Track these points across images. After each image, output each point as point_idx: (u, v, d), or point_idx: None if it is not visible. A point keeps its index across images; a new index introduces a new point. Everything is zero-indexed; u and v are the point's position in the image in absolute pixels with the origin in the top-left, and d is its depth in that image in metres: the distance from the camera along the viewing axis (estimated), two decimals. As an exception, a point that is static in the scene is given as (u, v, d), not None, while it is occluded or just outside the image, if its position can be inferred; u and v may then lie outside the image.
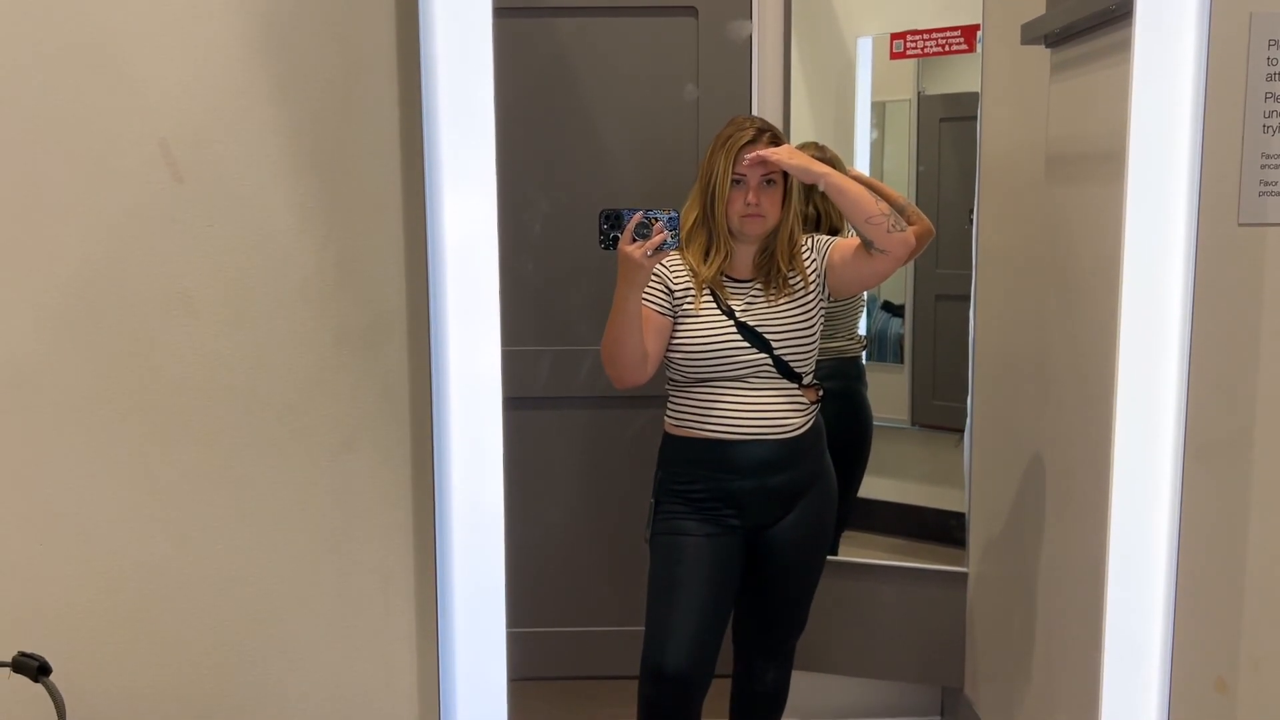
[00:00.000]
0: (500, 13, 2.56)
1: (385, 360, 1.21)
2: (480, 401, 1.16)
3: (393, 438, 1.21)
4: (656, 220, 1.79)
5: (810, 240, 2.05)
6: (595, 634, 2.83)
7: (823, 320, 2.04)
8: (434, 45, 1.14)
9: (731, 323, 1.96)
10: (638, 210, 1.80)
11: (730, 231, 1.97)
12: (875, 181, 2.04)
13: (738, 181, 1.95)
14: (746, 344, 1.95)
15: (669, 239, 1.79)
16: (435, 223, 1.14)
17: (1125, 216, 1.23)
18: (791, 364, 1.98)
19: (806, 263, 2.03)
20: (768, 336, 1.96)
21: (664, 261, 1.96)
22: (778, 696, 2.24)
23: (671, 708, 1.99)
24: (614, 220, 1.80)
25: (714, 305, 1.97)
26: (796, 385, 1.99)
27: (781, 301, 1.99)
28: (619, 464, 2.71)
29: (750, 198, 1.94)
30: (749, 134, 1.96)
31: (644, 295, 1.90)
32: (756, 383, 1.97)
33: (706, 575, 1.99)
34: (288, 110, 1.19)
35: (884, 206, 1.93)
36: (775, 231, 1.98)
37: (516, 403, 2.70)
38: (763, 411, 1.97)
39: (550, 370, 2.72)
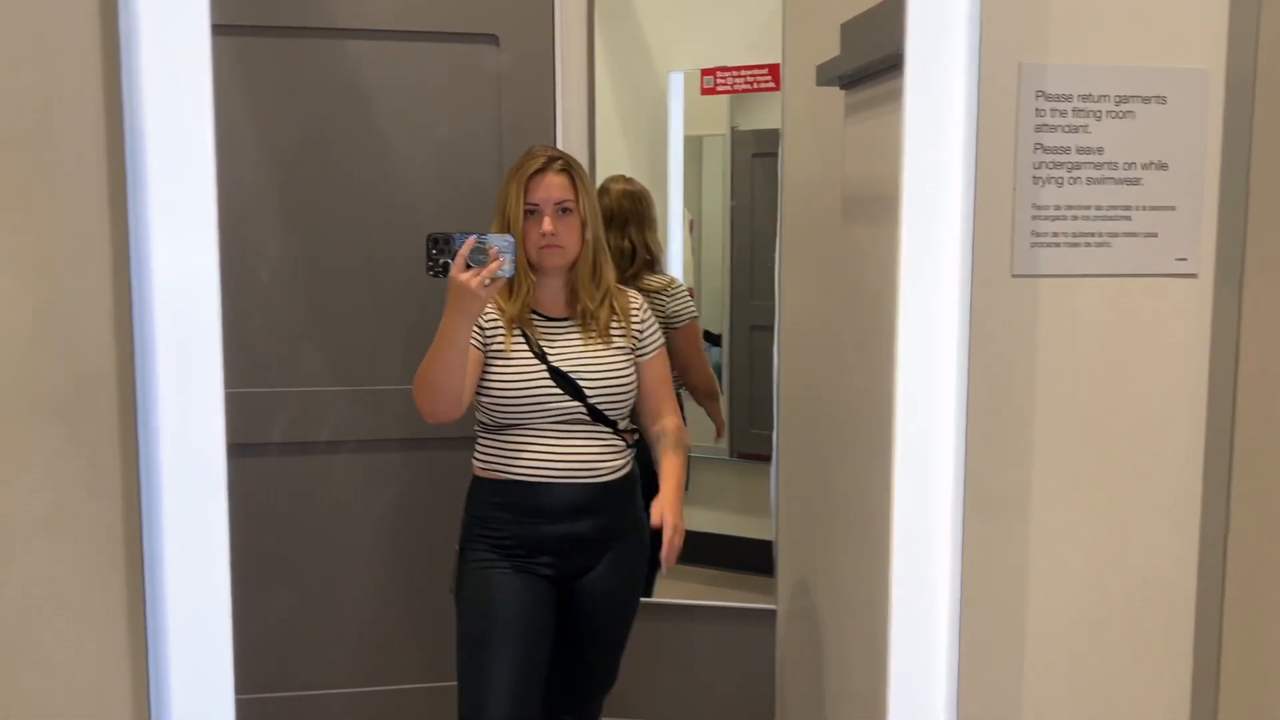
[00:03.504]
0: (280, 31, 2.42)
1: (92, 427, 1.05)
2: (198, 473, 1.02)
3: (102, 518, 1.05)
4: (492, 246, 1.66)
5: (646, 309, 2.02)
6: (400, 692, 2.67)
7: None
8: (139, 65, 0.99)
9: (544, 367, 1.87)
10: (470, 234, 1.66)
11: (530, 264, 1.89)
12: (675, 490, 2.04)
13: (531, 211, 1.88)
14: (559, 390, 1.87)
15: (506, 266, 1.67)
16: (142, 268, 0.99)
17: (899, 267, 1.20)
18: (606, 411, 1.91)
19: (634, 319, 1.98)
20: (581, 383, 1.88)
21: None
22: None
23: None
24: (443, 245, 1.65)
25: (525, 346, 1.88)
26: (611, 430, 1.92)
27: (596, 345, 1.92)
28: (424, 511, 2.56)
29: (546, 226, 1.86)
30: (539, 162, 1.90)
31: None
32: (569, 428, 1.89)
33: (520, 630, 1.88)
34: (-35, 140, 1.02)
35: (682, 454, 2.05)
36: (576, 263, 1.92)
37: (305, 447, 2.54)
38: (575, 456, 1.89)
39: (350, 411, 2.55)
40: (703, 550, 2.91)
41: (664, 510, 1.97)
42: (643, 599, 2.43)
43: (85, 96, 1.04)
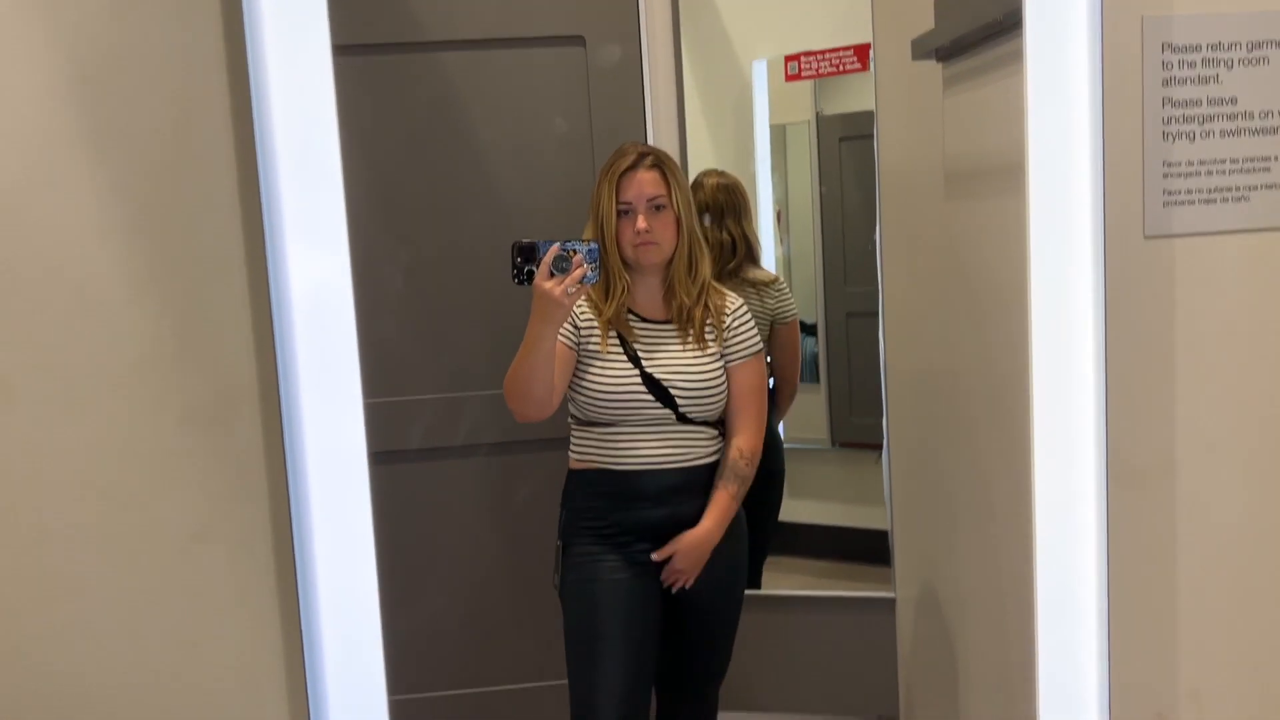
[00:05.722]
0: (375, 49, 2.47)
1: (238, 438, 1.08)
2: (343, 478, 1.04)
3: (251, 524, 1.08)
4: (575, 252, 1.66)
5: (743, 312, 1.96)
6: (515, 692, 2.70)
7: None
8: (268, 88, 1.02)
9: (637, 372, 1.87)
10: (554, 242, 1.66)
11: (626, 262, 1.89)
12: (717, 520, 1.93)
13: (625, 211, 1.87)
14: (650, 396, 1.86)
15: (589, 273, 1.67)
16: (280, 282, 1.02)
17: (1029, 236, 1.17)
18: (695, 417, 1.90)
19: (728, 321, 1.94)
20: (673, 392, 1.87)
21: None
22: None
23: None
24: (528, 253, 1.67)
25: (620, 349, 1.88)
26: (702, 425, 1.92)
27: (692, 350, 1.90)
28: (525, 511, 2.59)
29: (640, 224, 1.85)
30: (629, 159, 1.89)
31: None
32: (661, 428, 1.89)
33: (626, 621, 1.88)
34: (109, 166, 1.06)
35: (735, 488, 1.92)
36: (673, 260, 1.90)
37: (413, 454, 2.59)
38: (666, 447, 1.89)
39: (451, 418, 2.59)
40: (811, 542, 2.88)
41: (679, 548, 1.87)
42: (753, 591, 2.41)
43: (215, 120, 1.07)
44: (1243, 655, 1.29)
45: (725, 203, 2.61)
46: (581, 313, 1.90)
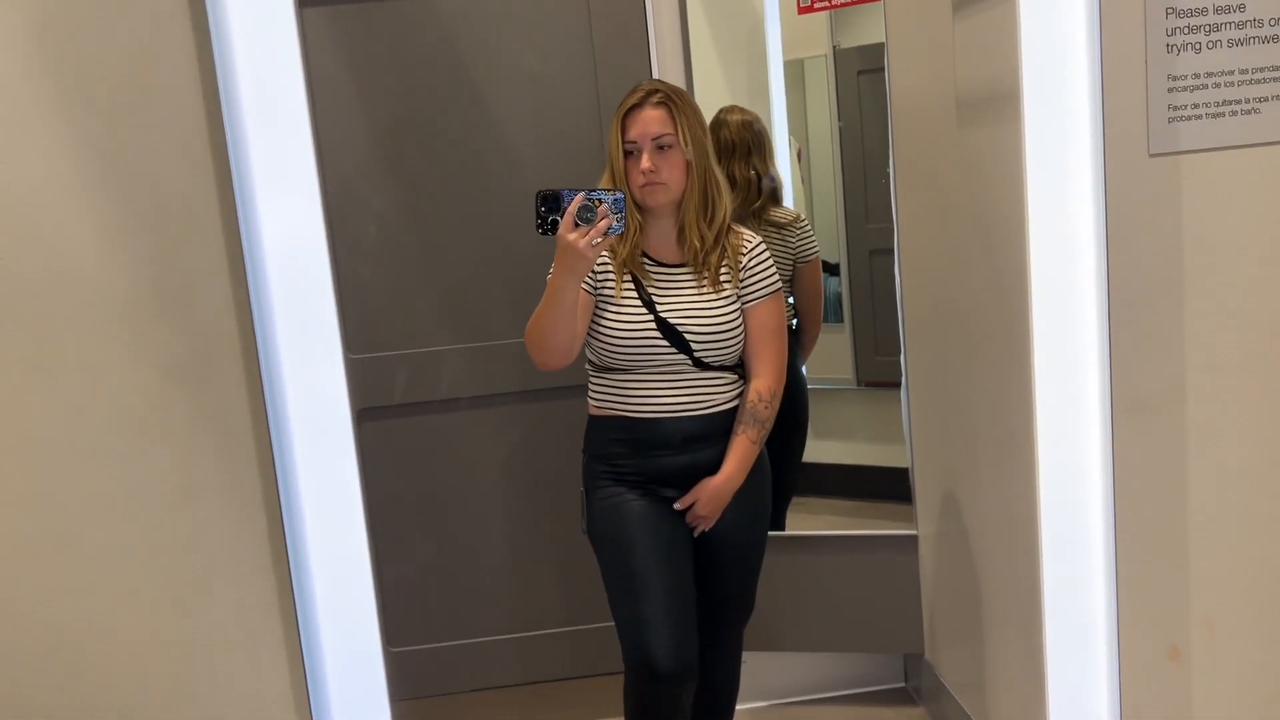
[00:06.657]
0: (372, -4, 2.42)
1: (221, 391, 1.08)
2: (327, 427, 1.03)
3: (240, 478, 1.08)
4: (601, 202, 1.60)
5: (759, 252, 1.90)
6: (548, 637, 2.72)
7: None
8: (230, 32, 0.99)
9: (651, 317, 1.84)
10: (579, 191, 1.61)
11: (637, 204, 1.85)
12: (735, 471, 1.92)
13: (630, 150, 1.83)
14: (665, 341, 1.84)
15: (615, 224, 1.62)
16: (252, 231, 1.00)
17: (1024, 158, 1.12)
18: (712, 362, 1.88)
19: (744, 261, 1.88)
20: (688, 337, 1.84)
21: None
22: (730, 684, 2.15)
23: (668, 700, 1.88)
24: (552, 202, 1.61)
25: (635, 294, 1.85)
26: (719, 369, 1.89)
27: (707, 294, 1.86)
28: (550, 458, 2.59)
29: (644, 164, 1.80)
30: (635, 97, 1.83)
31: None
32: (677, 373, 1.87)
33: (660, 557, 1.88)
34: (75, 121, 1.04)
35: (754, 432, 1.90)
36: (684, 200, 1.86)
37: (437, 405, 2.59)
38: (684, 393, 1.87)
39: (469, 368, 2.58)
40: (837, 482, 2.86)
41: (700, 495, 1.89)
42: (776, 532, 2.40)
43: (180, 68, 1.05)
44: (1256, 583, 1.26)
45: (751, 140, 2.55)
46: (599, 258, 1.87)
